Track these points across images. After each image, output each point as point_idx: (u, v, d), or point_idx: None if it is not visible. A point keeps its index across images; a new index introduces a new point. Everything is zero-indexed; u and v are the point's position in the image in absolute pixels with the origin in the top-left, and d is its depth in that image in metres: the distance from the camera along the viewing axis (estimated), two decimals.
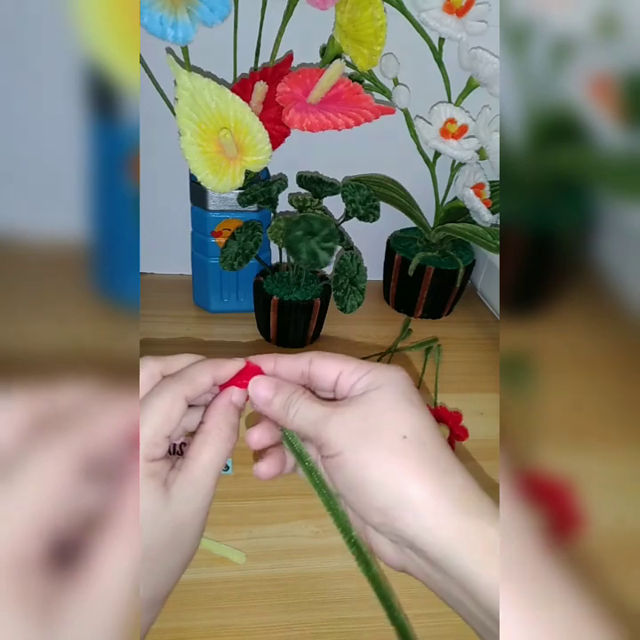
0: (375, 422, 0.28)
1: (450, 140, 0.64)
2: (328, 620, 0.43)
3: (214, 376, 0.31)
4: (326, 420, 0.29)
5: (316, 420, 0.29)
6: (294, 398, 0.31)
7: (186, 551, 0.29)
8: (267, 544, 0.47)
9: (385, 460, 0.27)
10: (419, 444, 0.28)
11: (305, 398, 0.31)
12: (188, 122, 0.53)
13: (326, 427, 0.29)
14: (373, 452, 0.27)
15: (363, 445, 0.28)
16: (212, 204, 0.65)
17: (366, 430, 0.28)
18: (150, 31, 0.48)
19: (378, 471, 0.27)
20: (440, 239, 0.74)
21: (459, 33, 0.59)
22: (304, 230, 0.58)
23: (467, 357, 0.71)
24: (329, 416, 0.29)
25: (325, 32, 0.61)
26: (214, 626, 0.42)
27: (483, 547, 0.25)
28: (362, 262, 0.64)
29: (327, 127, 0.54)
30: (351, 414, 0.29)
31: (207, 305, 0.74)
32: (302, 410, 0.30)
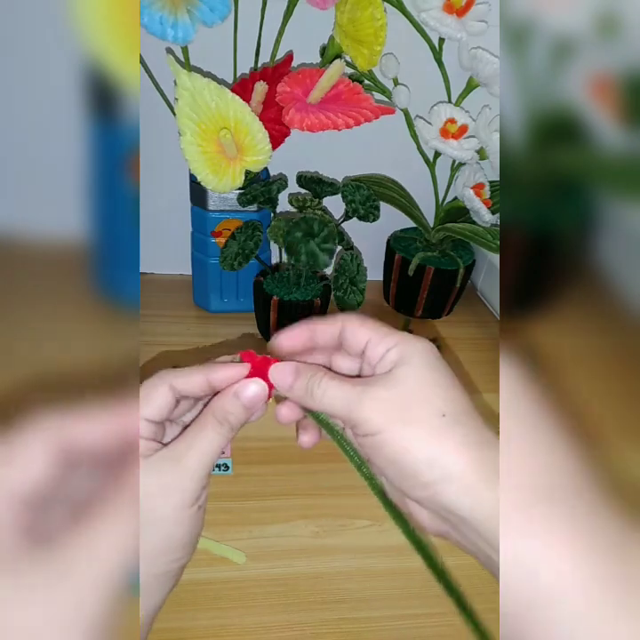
0: (412, 400, 0.28)
1: (450, 140, 0.64)
2: (328, 619, 0.43)
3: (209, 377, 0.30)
4: (359, 399, 0.28)
5: (347, 401, 0.29)
6: (317, 380, 0.30)
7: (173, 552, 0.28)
8: (267, 544, 0.47)
9: (427, 439, 0.27)
10: (457, 420, 0.28)
11: (329, 378, 0.30)
12: (188, 122, 0.53)
13: (361, 407, 0.28)
14: (415, 432, 0.27)
15: (402, 425, 0.27)
16: (212, 204, 0.65)
17: (404, 408, 0.28)
18: (150, 31, 0.48)
19: (421, 450, 0.27)
20: (440, 239, 0.74)
21: (459, 33, 0.59)
22: (304, 232, 0.58)
23: (467, 357, 0.71)
24: (361, 395, 0.28)
25: (325, 32, 0.61)
26: (214, 626, 0.42)
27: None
28: (362, 262, 0.64)
29: (327, 127, 0.54)
30: (386, 392, 0.28)
31: (207, 305, 0.74)
32: (331, 391, 0.30)
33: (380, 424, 0.28)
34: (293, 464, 0.54)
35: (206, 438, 0.29)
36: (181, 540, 0.28)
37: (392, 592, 0.45)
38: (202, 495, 0.29)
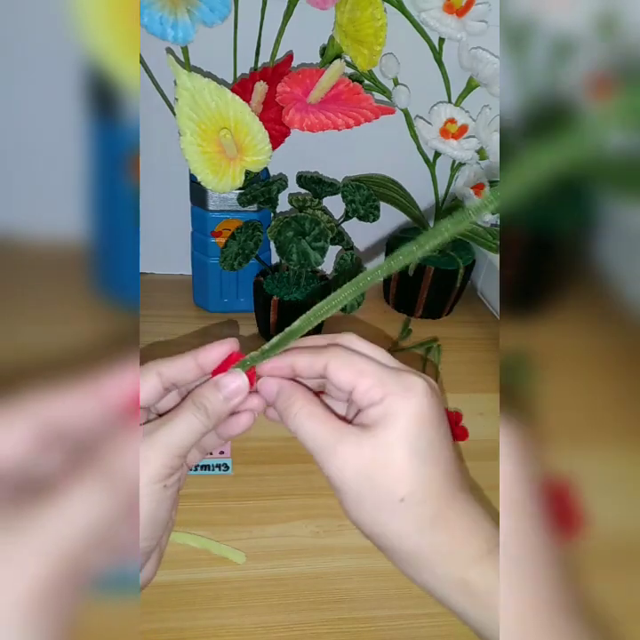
0: (378, 473, 0.28)
1: (450, 140, 0.64)
2: (328, 619, 0.43)
3: (198, 359, 0.31)
4: (332, 451, 0.28)
5: (319, 447, 0.29)
6: (293, 411, 0.30)
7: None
8: (267, 544, 0.47)
9: (381, 518, 0.28)
10: (414, 505, 0.28)
11: (306, 415, 0.29)
12: (187, 122, 0.53)
13: (330, 461, 0.28)
14: (369, 507, 0.28)
15: (361, 495, 0.28)
16: (212, 204, 0.65)
17: (368, 478, 0.28)
18: (150, 31, 0.48)
19: (373, 523, 0.29)
20: None
21: (459, 33, 0.59)
22: (295, 231, 0.58)
23: (467, 357, 0.71)
24: (334, 449, 0.28)
25: (325, 32, 0.61)
26: (214, 626, 0.42)
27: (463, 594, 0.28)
28: (362, 262, 0.64)
29: (327, 127, 0.54)
30: (358, 454, 0.28)
31: (207, 305, 0.74)
32: (305, 428, 0.29)
33: (341, 487, 0.29)
34: (293, 464, 0.54)
35: (181, 417, 0.29)
36: (141, 518, 0.27)
37: (391, 592, 0.45)
38: (172, 476, 0.28)
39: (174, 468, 0.28)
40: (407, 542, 0.28)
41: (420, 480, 0.28)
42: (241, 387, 0.30)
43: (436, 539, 0.28)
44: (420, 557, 0.28)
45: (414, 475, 0.28)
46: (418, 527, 0.28)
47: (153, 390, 0.30)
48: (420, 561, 0.28)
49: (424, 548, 0.28)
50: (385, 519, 0.28)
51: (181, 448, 0.28)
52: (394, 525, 0.28)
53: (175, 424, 0.28)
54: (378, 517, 0.28)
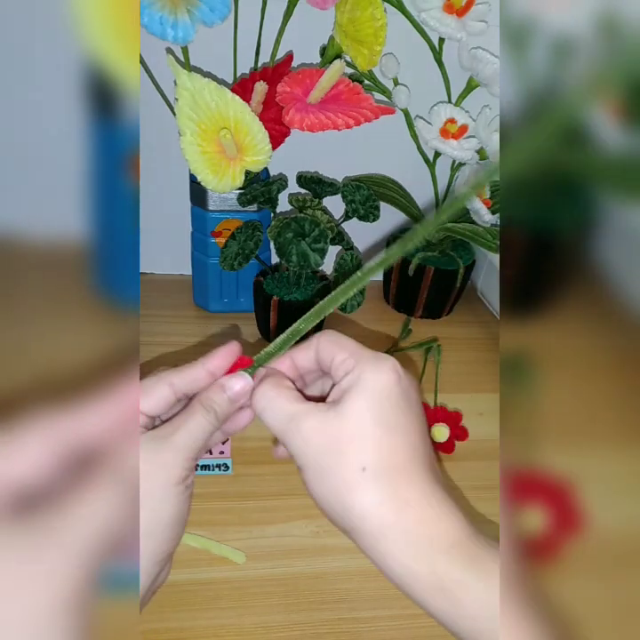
0: (340, 445, 0.28)
1: (450, 140, 0.64)
2: (328, 619, 0.43)
3: (207, 367, 0.31)
4: (295, 427, 0.29)
5: (285, 425, 0.29)
6: (261, 390, 0.30)
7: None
8: (267, 544, 0.47)
9: (342, 492, 0.28)
10: (376, 476, 0.27)
11: (273, 395, 0.30)
12: (187, 122, 0.53)
13: (292, 436, 0.29)
14: (332, 482, 0.28)
15: (323, 470, 0.28)
16: (212, 204, 0.65)
17: (331, 451, 0.28)
18: (150, 31, 0.48)
19: (336, 500, 0.28)
20: (440, 239, 0.74)
21: (459, 33, 0.59)
22: (295, 232, 0.58)
23: (467, 357, 0.71)
24: (297, 424, 0.29)
25: (325, 32, 0.61)
26: (214, 626, 0.42)
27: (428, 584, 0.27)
28: (362, 262, 0.64)
29: (327, 127, 0.54)
30: (323, 426, 0.28)
31: (207, 305, 0.74)
32: (271, 407, 0.30)
33: (305, 464, 0.29)
34: (293, 464, 0.54)
35: (194, 420, 0.29)
36: (168, 520, 0.28)
37: (391, 592, 0.45)
38: (189, 477, 0.29)
39: (190, 469, 0.29)
40: (373, 521, 0.27)
41: (384, 449, 0.28)
42: (245, 388, 0.31)
43: (401, 519, 0.27)
44: (389, 541, 0.27)
45: (377, 443, 0.28)
46: (380, 500, 0.27)
47: (164, 402, 0.30)
48: (388, 545, 0.27)
49: (388, 530, 0.27)
50: (346, 491, 0.27)
51: (196, 450, 0.29)
52: (355, 499, 0.27)
53: (189, 427, 0.29)
54: (339, 491, 0.28)
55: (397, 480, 0.27)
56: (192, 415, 0.29)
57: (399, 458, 0.28)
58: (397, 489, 0.27)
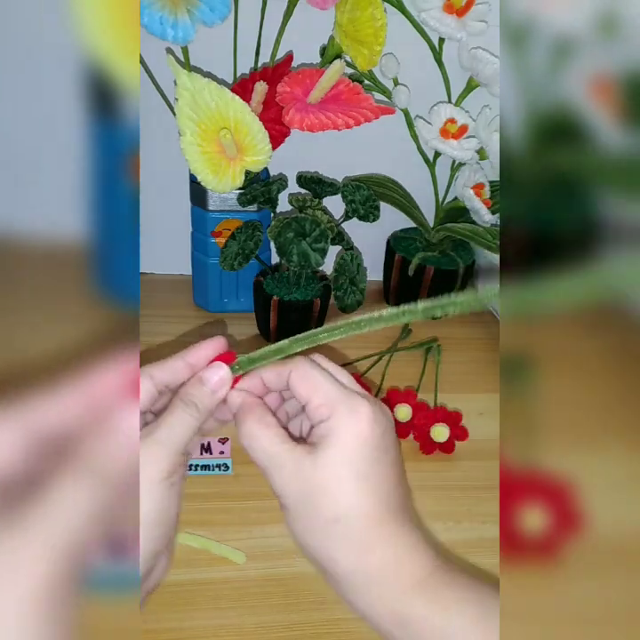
0: (316, 496, 0.29)
1: (450, 140, 0.64)
2: (328, 620, 0.43)
3: (187, 359, 0.31)
4: (279, 469, 0.29)
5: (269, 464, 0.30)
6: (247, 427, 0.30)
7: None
8: (267, 544, 0.47)
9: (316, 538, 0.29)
10: (346, 526, 0.28)
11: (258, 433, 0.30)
12: (187, 122, 0.53)
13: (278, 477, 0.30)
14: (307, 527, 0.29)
15: (300, 515, 0.29)
16: (212, 204, 0.65)
17: (307, 500, 0.29)
18: (150, 31, 0.48)
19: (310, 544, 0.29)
20: (440, 239, 0.74)
21: (459, 33, 0.59)
22: (295, 232, 0.58)
23: (467, 357, 0.71)
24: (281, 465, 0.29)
25: (325, 32, 0.61)
26: (214, 626, 0.42)
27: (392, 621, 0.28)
28: (362, 262, 0.64)
29: (327, 127, 0.54)
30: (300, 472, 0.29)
31: (207, 305, 0.74)
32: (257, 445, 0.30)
33: (285, 506, 0.30)
34: None
35: (173, 415, 0.29)
36: (151, 518, 0.27)
37: None
38: (175, 473, 0.29)
39: (176, 464, 0.29)
40: (341, 566, 0.29)
41: (355, 500, 0.29)
42: (224, 378, 0.31)
43: (370, 564, 0.28)
44: (355, 583, 0.29)
45: (350, 495, 0.29)
46: (350, 550, 0.28)
47: (145, 395, 0.30)
48: (355, 587, 0.29)
49: (358, 574, 0.29)
50: (319, 540, 0.29)
51: (180, 444, 0.29)
52: (328, 547, 0.29)
53: (169, 423, 0.29)
54: (313, 538, 0.29)
55: (367, 526, 0.29)
56: (172, 411, 0.29)
57: (370, 505, 0.29)
58: (366, 535, 0.29)
